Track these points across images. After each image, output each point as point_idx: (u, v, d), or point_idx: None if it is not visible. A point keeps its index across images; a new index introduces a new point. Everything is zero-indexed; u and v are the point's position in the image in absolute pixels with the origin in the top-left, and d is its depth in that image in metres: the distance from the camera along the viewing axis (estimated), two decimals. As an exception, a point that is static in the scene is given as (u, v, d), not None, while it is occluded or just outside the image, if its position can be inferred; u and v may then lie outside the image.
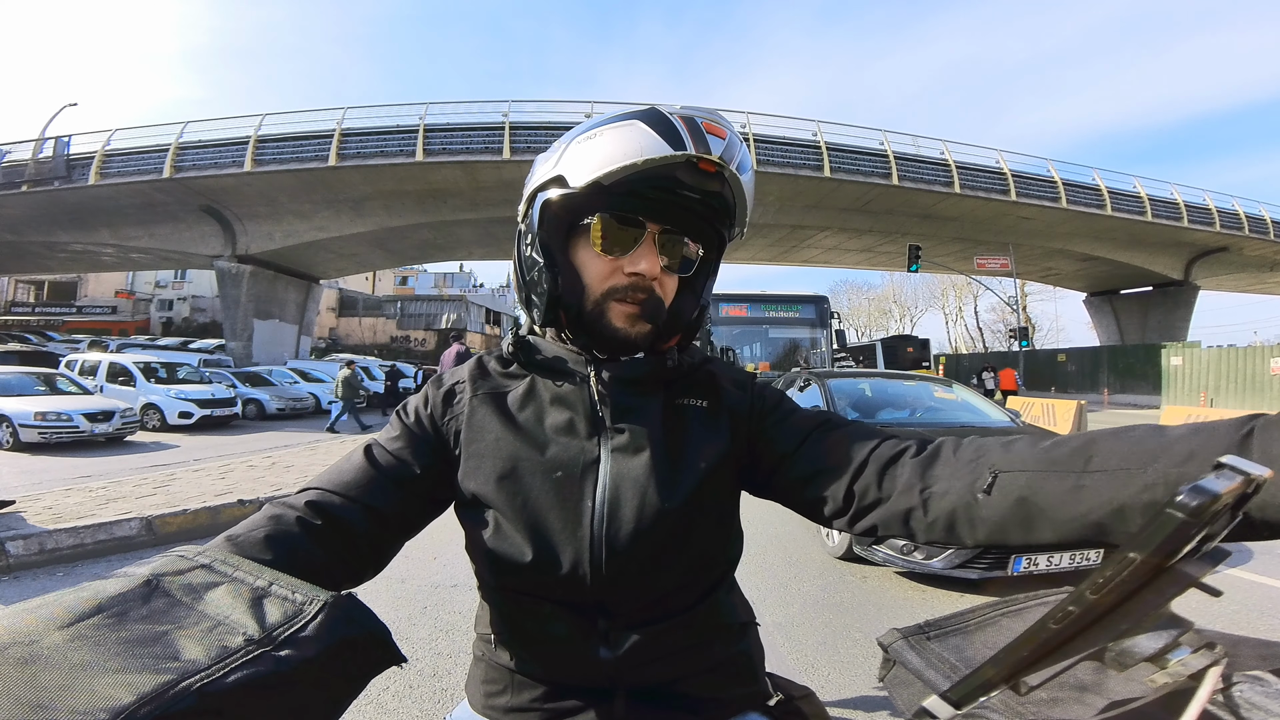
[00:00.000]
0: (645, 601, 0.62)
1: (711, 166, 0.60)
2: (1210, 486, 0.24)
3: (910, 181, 17.69)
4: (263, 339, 19.44)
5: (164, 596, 0.36)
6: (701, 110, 0.63)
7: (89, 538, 3.41)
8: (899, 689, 0.41)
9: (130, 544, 3.56)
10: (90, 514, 3.70)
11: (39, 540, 3.24)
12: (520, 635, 0.65)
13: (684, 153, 0.58)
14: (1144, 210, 20.21)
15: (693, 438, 0.66)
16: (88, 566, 3.32)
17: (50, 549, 3.27)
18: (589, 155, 0.61)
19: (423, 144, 15.92)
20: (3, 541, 3.14)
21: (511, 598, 0.64)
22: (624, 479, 0.61)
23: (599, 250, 0.64)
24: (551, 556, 0.59)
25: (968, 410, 4.43)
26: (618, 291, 0.64)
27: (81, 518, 3.59)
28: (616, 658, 0.61)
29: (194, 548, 0.43)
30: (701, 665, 0.65)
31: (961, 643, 0.42)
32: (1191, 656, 0.28)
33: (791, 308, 8.51)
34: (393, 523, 0.61)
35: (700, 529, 0.63)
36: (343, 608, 0.37)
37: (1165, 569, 0.26)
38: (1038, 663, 0.29)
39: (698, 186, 0.62)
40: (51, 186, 17.07)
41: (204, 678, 0.30)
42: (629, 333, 0.65)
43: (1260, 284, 29.92)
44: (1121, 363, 22.36)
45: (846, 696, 2.12)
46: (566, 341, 0.69)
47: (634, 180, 0.60)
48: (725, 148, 0.60)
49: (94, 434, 8.66)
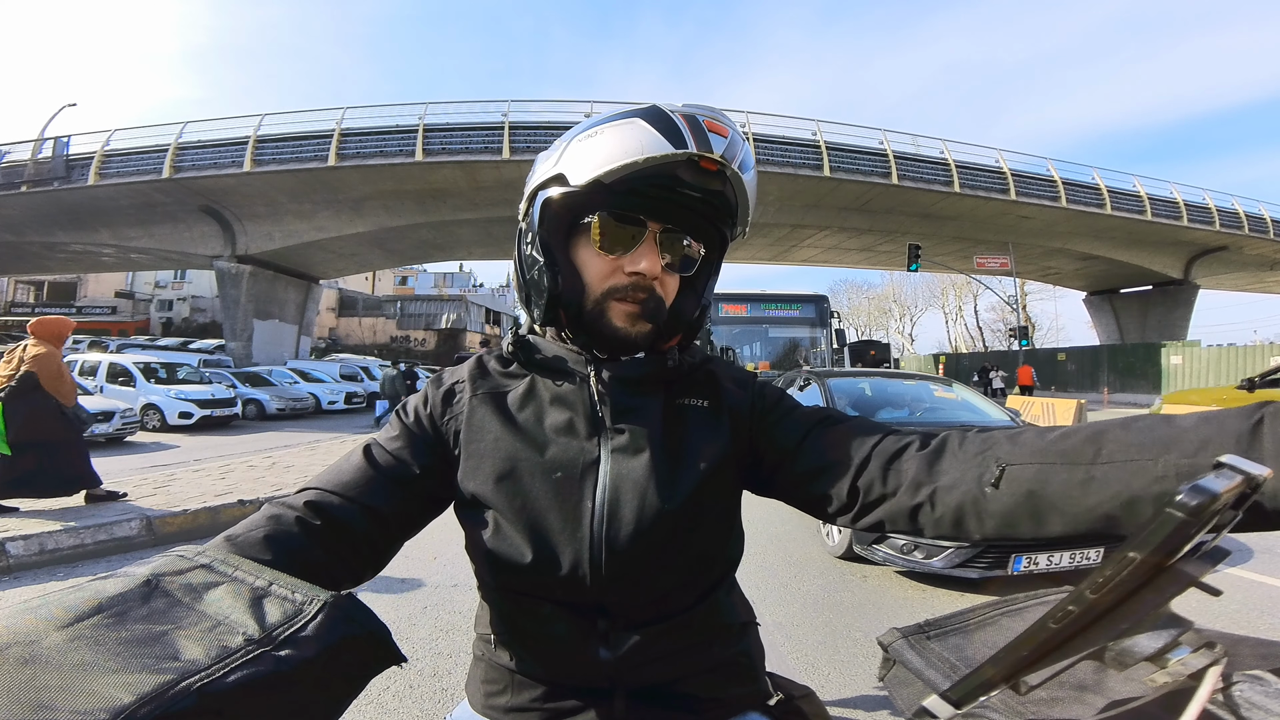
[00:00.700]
0: (645, 602, 0.61)
1: (713, 165, 0.60)
2: (1210, 486, 0.25)
3: (910, 181, 17.69)
4: (262, 339, 19.44)
5: (164, 596, 0.36)
6: (704, 108, 0.62)
7: (89, 538, 3.41)
8: (899, 688, 0.41)
9: (130, 544, 3.56)
10: (90, 514, 3.70)
11: (39, 540, 3.24)
12: (520, 635, 0.64)
13: (686, 151, 0.58)
14: (1144, 209, 20.23)
15: (693, 438, 0.66)
16: (88, 566, 3.32)
17: (50, 549, 3.26)
18: (590, 153, 0.61)
19: (422, 144, 15.92)
20: (3, 542, 3.13)
21: (511, 598, 0.64)
22: (624, 480, 0.61)
23: (599, 249, 0.64)
24: (551, 557, 0.59)
25: (968, 409, 4.45)
26: (618, 291, 0.64)
27: (78, 518, 3.58)
28: (616, 658, 0.60)
29: (194, 547, 0.43)
30: (702, 665, 0.65)
31: (961, 642, 0.42)
32: (1191, 656, 0.28)
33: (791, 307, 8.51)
34: (392, 523, 0.61)
35: (701, 530, 0.63)
36: (343, 607, 0.37)
37: (1165, 568, 0.26)
38: (1038, 662, 0.29)
39: (699, 185, 0.61)
40: (51, 187, 17.06)
41: (204, 678, 0.30)
42: (629, 332, 0.64)
43: (1260, 283, 29.93)
44: (1121, 362, 22.38)
45: (846, 696, 2.12)
46: (567, 341, 0.69)
47: (635, 179, 0.60)
48: (727, 146, 0.60)
49: (94, 434, 8.65)
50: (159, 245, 19.01)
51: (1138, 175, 20.81)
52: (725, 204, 0.64)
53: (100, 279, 35.58)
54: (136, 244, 19.06)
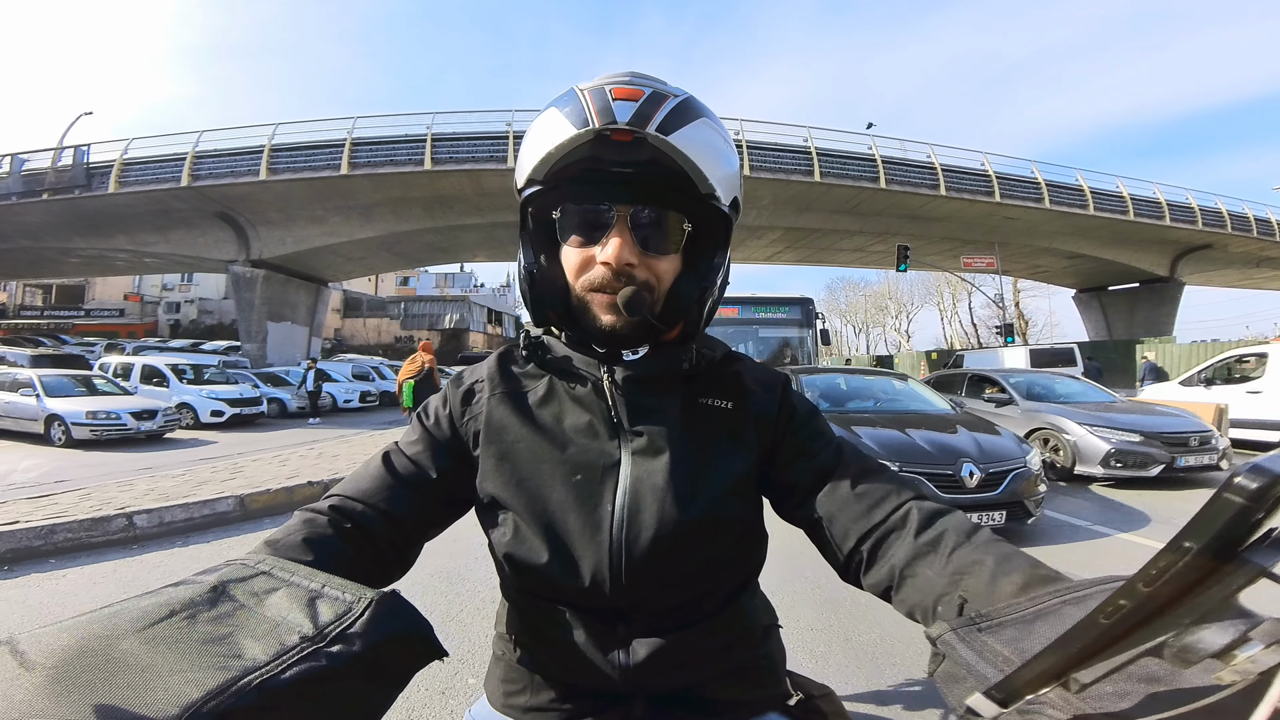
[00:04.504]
0: (666, 608, 0.61)
1: (625, 135, 0.55)
2: (1271, 466, 0.22)
3: (897, 185, 18.37)
4: (276, 340, 20.07)
5: (230, 601, 0.39)
6: (621, 75, 0.59)
7: (196, 513, 4.16)
8: (949, 685, 0.38)
9: (227, 519, 4.31)
10: (189, 494, 4.45)
11: (159, 514, 3.99)
12: (538, 637, 0.64)
13: (588, 129, 0.55)
14: (1126, 209, 20.83)
15: (716, 442, 0.64)
16: (197, 536, 4.05)
17: (168, 522, 4.01)
18: (524, 153, 0.61)
19: (430, 153, 16.59)
20: (131, 516, 3.88)
21: (530, 600, 0.64)
22: (644, 483, 0.60)
23: (570, 242, 0.62)
24: (570, 562, 0.59)
25: (915, 399, 5.32)
26: (595, 283, 0.61)
27: (186, 497, 4.34)
28: (636, 664, 0.60)
29: (254, 556, 0.47)
30: (723, 670, 0.64)
31: (1017, 634, 0.38)
32: (1262, 652, 0.25)
33: (779, 309, 9.24)
34: (411, 528, 0.62)
35: (723, 538, 0.62)
36: (388, 605, 0.40)
37: (1230, 558, 0.23)
38: (1090, 659, 0.27)
39: (625, 160, 0.57)
40: (72, 194, 17.61)
41: (264, 674, 0.32)
42: (613, 323, 0.61)
43: (1248, 279, 30.36)
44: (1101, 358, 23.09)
45: (864, 691, 2.12)
46: (572, 341, 0.68)
47: (573, 167, 0.58)
48: (638, 109, 0.55)
49: (139, 431, 9.41)
50: (175, 250, 19.62)
51: (1121, 176, 21.40)
52: (670, 171, 0.57)
53: (107, 282, 35.89)
54: (153, 249, 19.66)
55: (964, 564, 0.50)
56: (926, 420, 4.53)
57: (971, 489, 3.64)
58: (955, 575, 0.50)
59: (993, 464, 3.77)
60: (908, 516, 0.57)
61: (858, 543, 0.58)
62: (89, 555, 3.61)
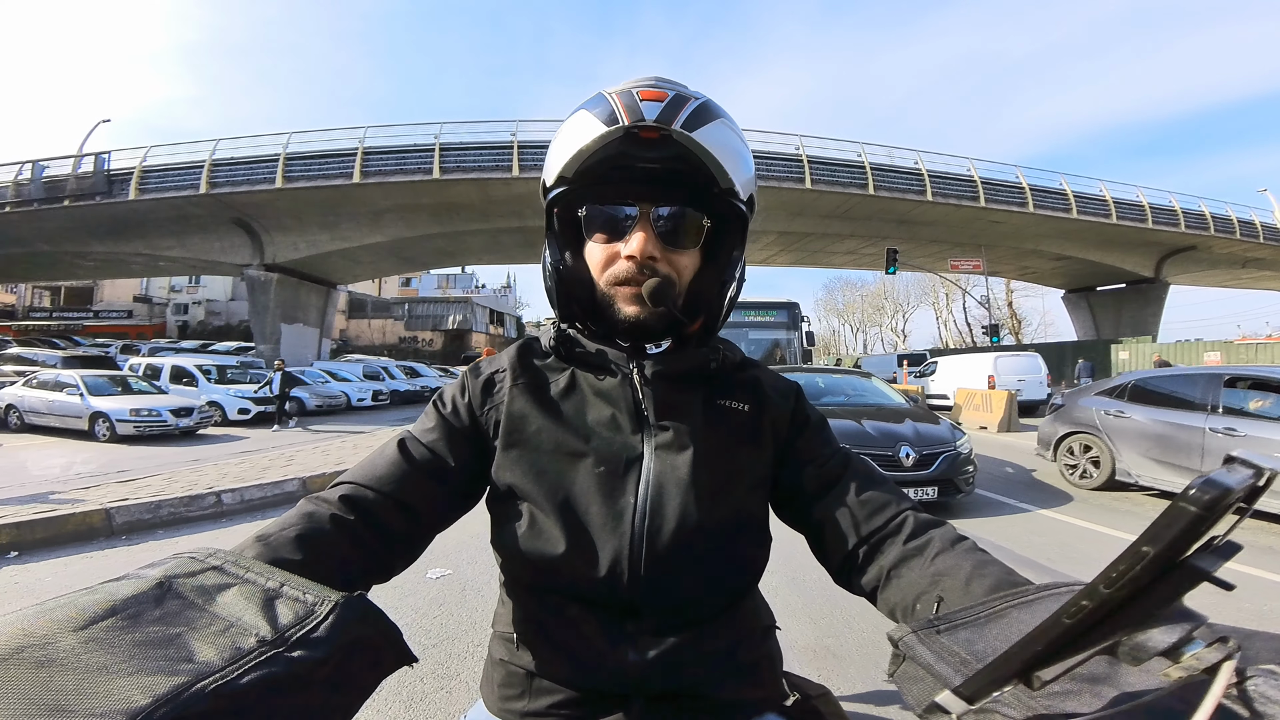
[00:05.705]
0: (677, 604, 0.61)
1: (652, 132, 0.59)
2: (1222, 480, 0.24)
3: (886, 191, 19.09)
4: (289, 342, 20.72)
5: (177, 598, 0.36)
6: (646, 79, 0.63)
7: (269, 491, 4.94)
8: (909, 684, 0.39)
9: (294, 498, 5.06)
10: (258, 477, 5.23)
11: (241, 493, 4.77)
12: (544, 635, 0.63)
13: (618, 126, 0.58)
14: (1109, 213, 21.47)
15: (735, 443, 0.66)
16: (273, 512, 4.79)
17: (248, 499, 4.80)
18: (553, 153, 0.65)
19: (439, 162, 17.28)
20: (220, 494, 4.66)
21: (538, 595, 0.64)
22: (668, 477, 0.62)
23: (595, 239, 0.65)
24: (589, 552, 0.59)
25: (876, 394, 6.22)
26: (620, 277, 0.64)
27: (257, 478, 5.12)
28: (644, 661, 0.60)
29: (205, 549, 0.44)
30: (726, 670, 0.65)
31: (972, 636, 0.40)
32: (1206, 650, 0.28)
33: (768, 313, 10.01)
34: (424, 518, 0.62)
35: (740, 536, 0.64)
36: (354, 608, 0.38)
37: (1178, 563, 0.25)
38: (1051, 657, 0.29)
39: (653, 155, 0.61)
40: (93, 201, 18.21)
41: (218, 679, 0.30)
42: (637, 314, 0.64)
43: (1236, 280, 30.87)
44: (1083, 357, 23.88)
45: (860, 692, 2.14)
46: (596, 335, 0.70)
47: (596, 166, 0.61)
48: (664, 109, 0.59)
49: (177, 427, 10.18)
50: (190, 254, 20.28)
51: (1105, 180, 22.04)
52: (693, 168, 0.61)
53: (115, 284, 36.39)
54: (169, 253, 20.30)
55: (945, 568, 0.54)
56: (881, 412, 5.35)
57: (908, 468, 4.41)
58: (936, 577, 0.54)
59: (927, 448, 4.55)
60: (902, 524, 0.61)
61: (854, 547, 0.61)
62: (189, 527, 4.39)
